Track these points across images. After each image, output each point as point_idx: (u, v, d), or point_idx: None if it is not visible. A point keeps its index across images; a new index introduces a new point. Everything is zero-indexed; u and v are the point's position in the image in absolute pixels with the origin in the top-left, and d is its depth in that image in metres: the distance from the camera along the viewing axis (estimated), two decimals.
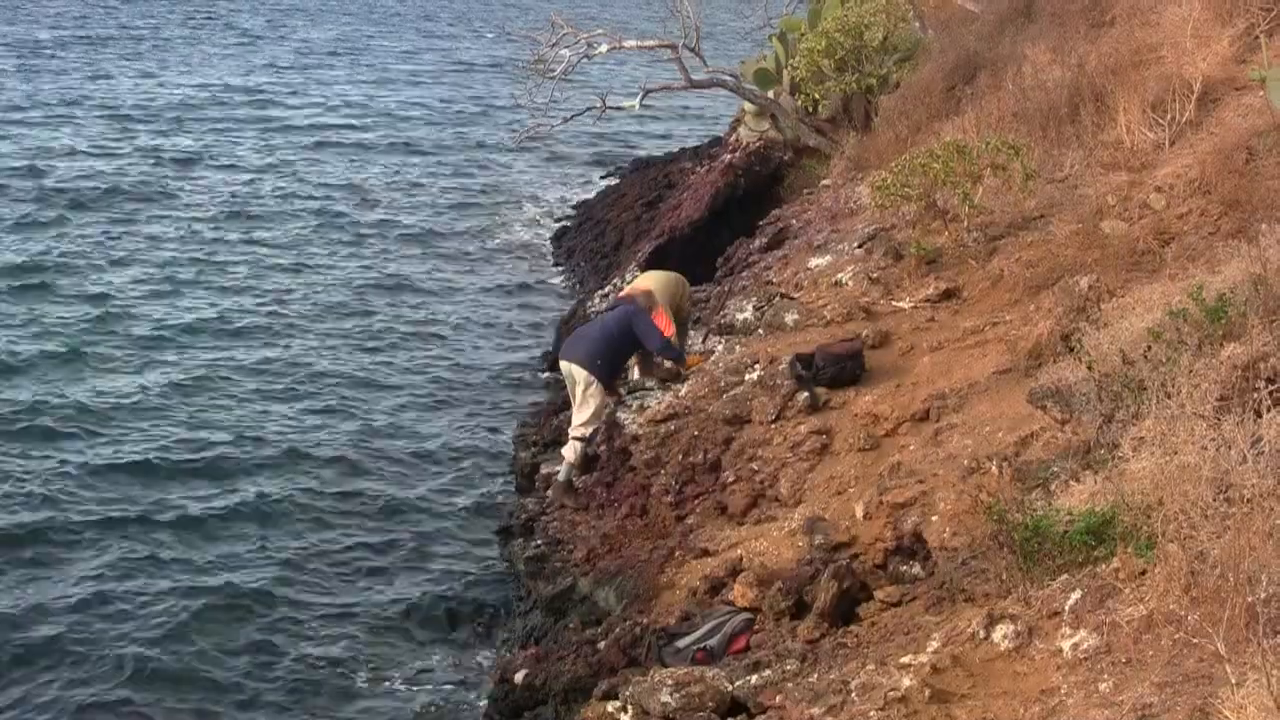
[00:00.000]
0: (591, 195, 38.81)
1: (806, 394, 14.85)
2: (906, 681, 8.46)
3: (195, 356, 23.51)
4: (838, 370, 15.00)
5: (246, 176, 38.92)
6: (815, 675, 9.33)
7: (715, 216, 27.56)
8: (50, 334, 24.35)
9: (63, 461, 19.12)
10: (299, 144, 44.42)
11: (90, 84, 54.00)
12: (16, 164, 37.64)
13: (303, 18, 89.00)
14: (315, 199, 36.72)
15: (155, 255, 29.86)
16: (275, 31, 79.15)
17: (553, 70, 28.34)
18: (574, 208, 37.68)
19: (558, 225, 35.86)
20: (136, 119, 46.52)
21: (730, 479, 14.25)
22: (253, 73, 60.43)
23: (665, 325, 16.63)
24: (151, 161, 39.80)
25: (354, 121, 49.68)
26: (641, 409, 16.60)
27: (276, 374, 22.92)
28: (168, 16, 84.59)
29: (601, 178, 42.20)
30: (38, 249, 29.41)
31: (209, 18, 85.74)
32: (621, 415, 16.55)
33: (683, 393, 16.45)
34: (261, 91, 55.03)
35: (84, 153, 40.19)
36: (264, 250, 31.05)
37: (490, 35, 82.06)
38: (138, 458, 19.05)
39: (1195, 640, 7.60)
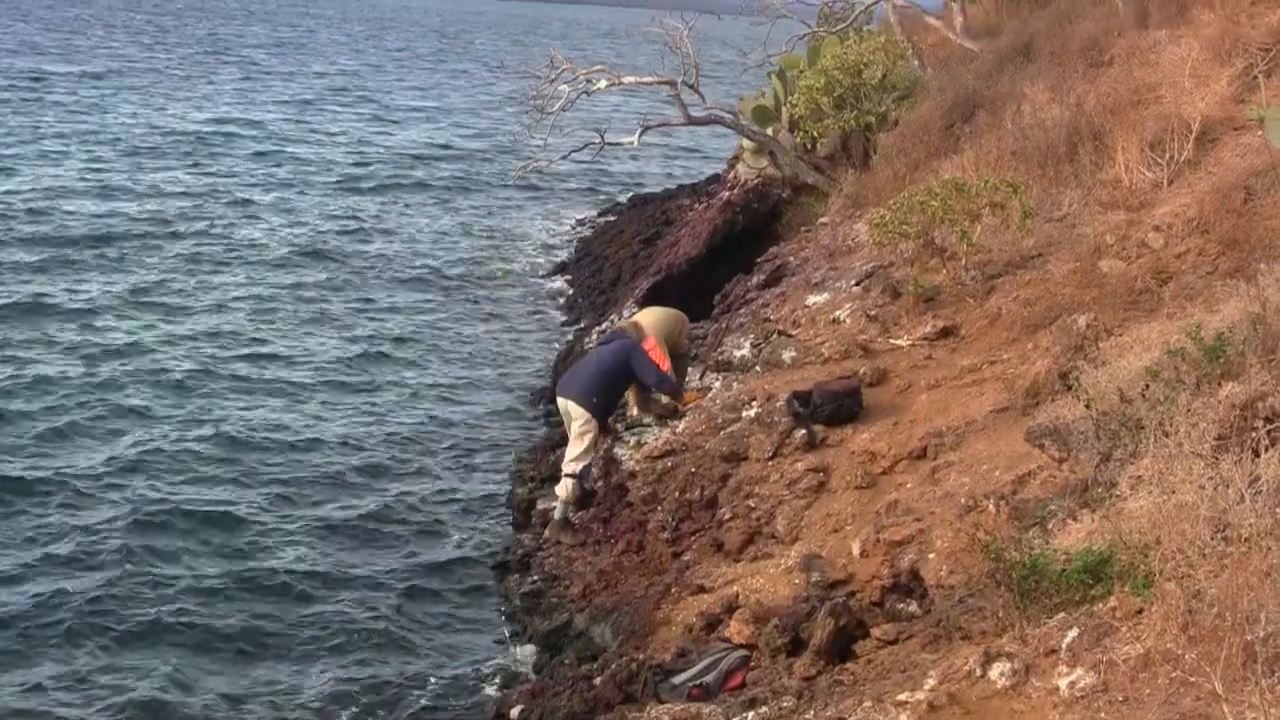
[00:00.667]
0: (590, 232, 38.88)
1: (804, 431, 14.85)
2: (903, 719, 8.43)
3: (183, 388, 23.45)
4: (835, 408, 15.00)
5: (245, 213, 38.95)
6: (811, 712, 9.30)
7: (713, 253, 27.58)
8: (67, 353, 24.65)
9: (88, 460, 19.73)
10: (299, 180, 44.55)
11: (88, 117, 54.22)
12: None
13: (309, 54, 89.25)
14: (314, 236, 36.72)
15: (145, 291, 29.75)
16: (284, 66, 79.35)
17: (551, 106, 28.42)
18: (572, 244, 37.73)
19: (556, 261, 35.91)
20: (126, 153, 46.62)
21: (727, 516, 14.23)
22: (254, 108, 60.58)
23: (660, 358, 16.64)
24: (147, 198, 39.85)
25: (353, 157, 49.82)
26: (639, 445, 16.60)
27: (271, 407, 22.87)
28: (174, 50, 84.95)
29: (600, 214, 42.28)
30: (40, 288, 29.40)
31: (211, 52, 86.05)
32: (619, 451, 16.54)
33: (680, 429, 16.45)
34: (262, 126, 55.19)
35: (82, 190, 40.21)
36: (258, 285, 31.00)
37: (492, 72, 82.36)
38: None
39: (1192, 679, 7.57)
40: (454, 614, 16.42)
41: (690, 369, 18.39)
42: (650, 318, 17.52)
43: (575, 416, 16.17)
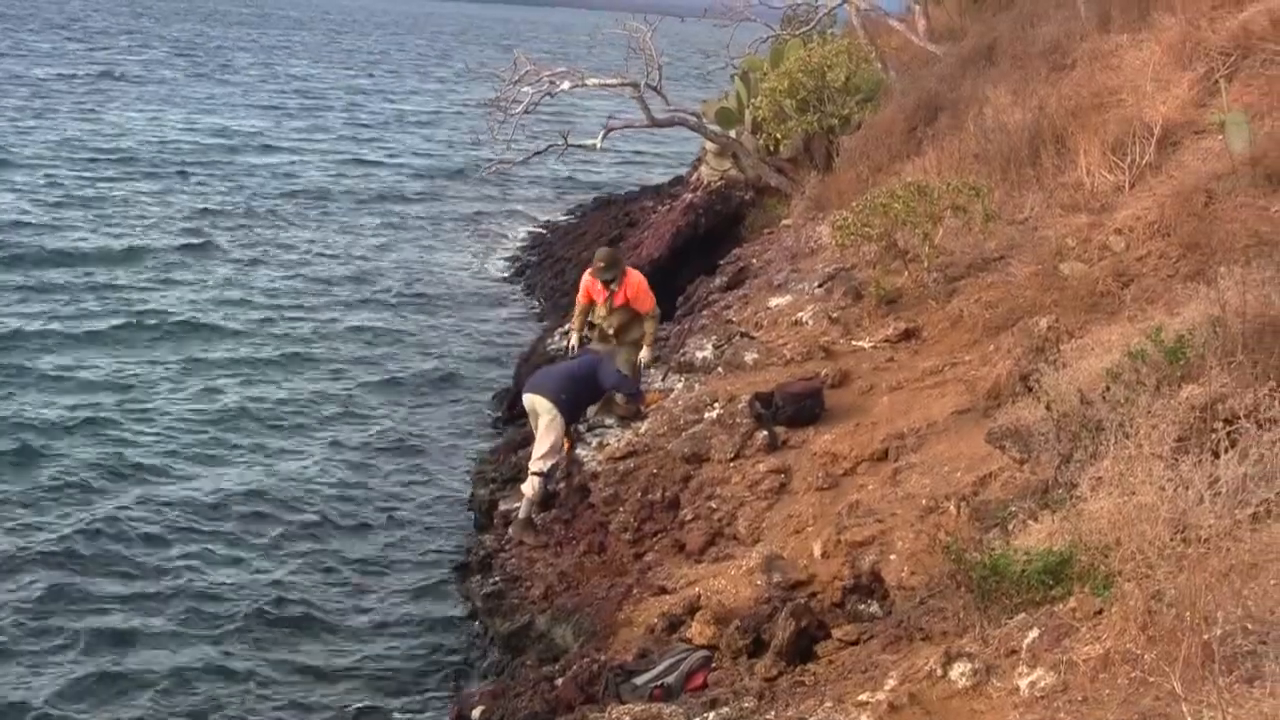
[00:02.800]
0: (553, 234, 38.83)
1: (765, 433, 14.86)
2: (864, 719, 8.43)
3: (148, 396, 23.29)
4: (797, 409, 15.02)
5: (209, 220, 38.58)
6: (773, 713, 9.29)
7: (676, 255, 27.60)
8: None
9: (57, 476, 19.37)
10: (264, 187, 44.24)
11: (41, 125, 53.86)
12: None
13: (284, 55, 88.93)
14: (269, 243, 36.45)
15: (105, 297, 29.55)
16: (260, 72, 79.03)
17: (515, 107, 28.41)
18: (535, 245, 37.70)
19: (518, 263, 35.85)
20: (84, 165, 46.05)
21: (689, 517, 14.23)
22: (218, 114, 60.33)
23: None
24: (109, 204, 39.47)
25: (311, 163, 49.57)
26: (601, 446, 16.58)
27: (229, 411, 22.74)
28: (141, 56, 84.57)
29: (563, 215, 42.24)
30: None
31: (182, 54, 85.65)
32: (581, 452, 16.52)
33: (642, 430, 16.44)
34: (231, 134, 54.96)
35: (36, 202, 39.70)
36: (221, 290, 30.83)
37: (457, 76, 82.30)
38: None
39: (1151, 679, 7.58)
40: (415, 615, 16.37)
41: (652, 370, 18.38)
42: None
43: (542, 412, 16.11)
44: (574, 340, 18.16)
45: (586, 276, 18.08)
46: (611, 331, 17.73)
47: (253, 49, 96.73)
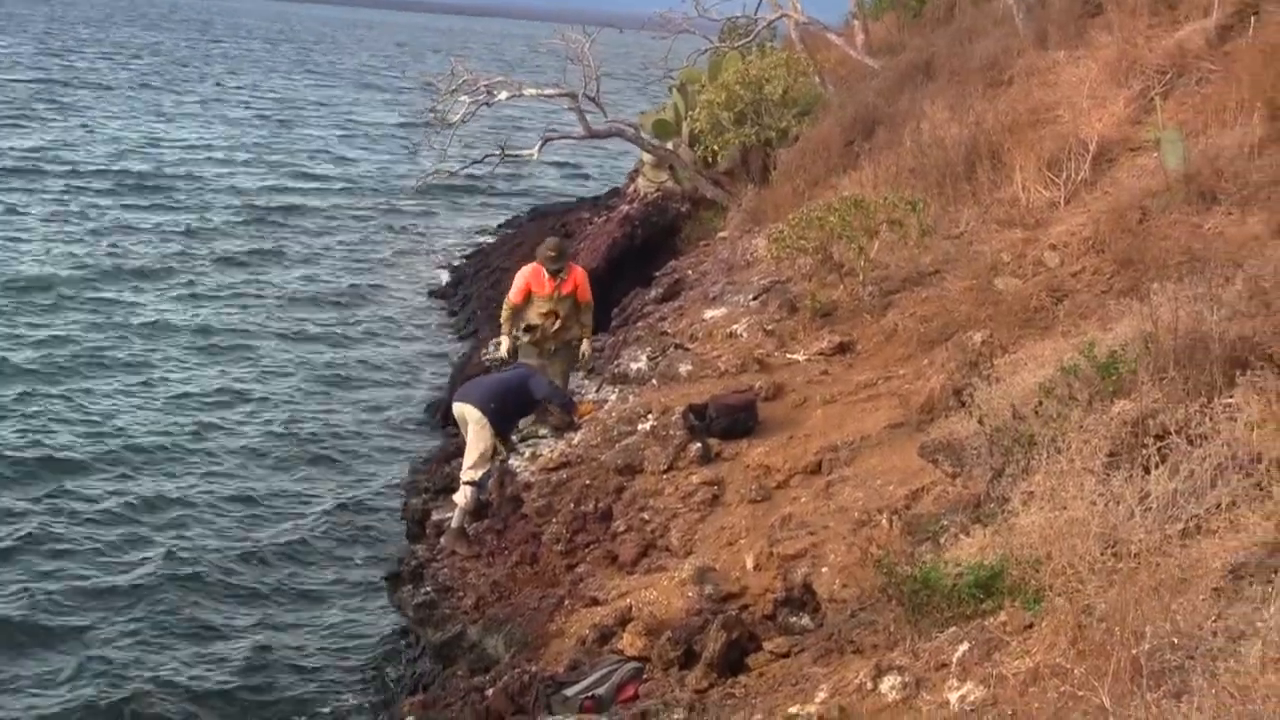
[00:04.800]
0: (488, 244, 38.76)
1: (699, 445, 14.83)
2: None
3: (72, 404, 23.08)
4: (730, 422, 15.00)
5: (135, 235, 38.09)
6: None
7: (612, 267, 27.58)
8: None
9: None
10: (197, 199, 43.84)
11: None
12: None
13: (219, 64, 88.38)
14: (212, 255, 36.08)
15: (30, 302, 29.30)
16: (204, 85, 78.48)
17: (451, 117, 28.35)
18: (470, 256, 37.62)
19: (454, 273, 35.77)
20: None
21: (621, 528, 14.19)
22: (154, 123, 59.92)
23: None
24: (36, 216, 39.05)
25: (252, 167, 49.27)
26: (534, 457, 16.52)
27: (161, 423, 22.56)
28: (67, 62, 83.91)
29: (499, 226, 42.18)
30: None
31: (107, 58, 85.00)
32: (514, 463, 16.46)
33: (575, 441, 16.39)
34: (164, 144, 54.57)
35: None
36: (152, 299, 30.57)
37: (393, 87, 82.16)
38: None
39: (1080, 693, 7.59)
40: (346, 625, 16.33)
41: (586, 381, 18.35)
42: None
43: (471, 420, 16.05)
44: (506, 346, 18.05)
45: (528, 270, 17.98)
46: (553, 327, 17.69)
47: (192, 59, 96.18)
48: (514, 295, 17.95)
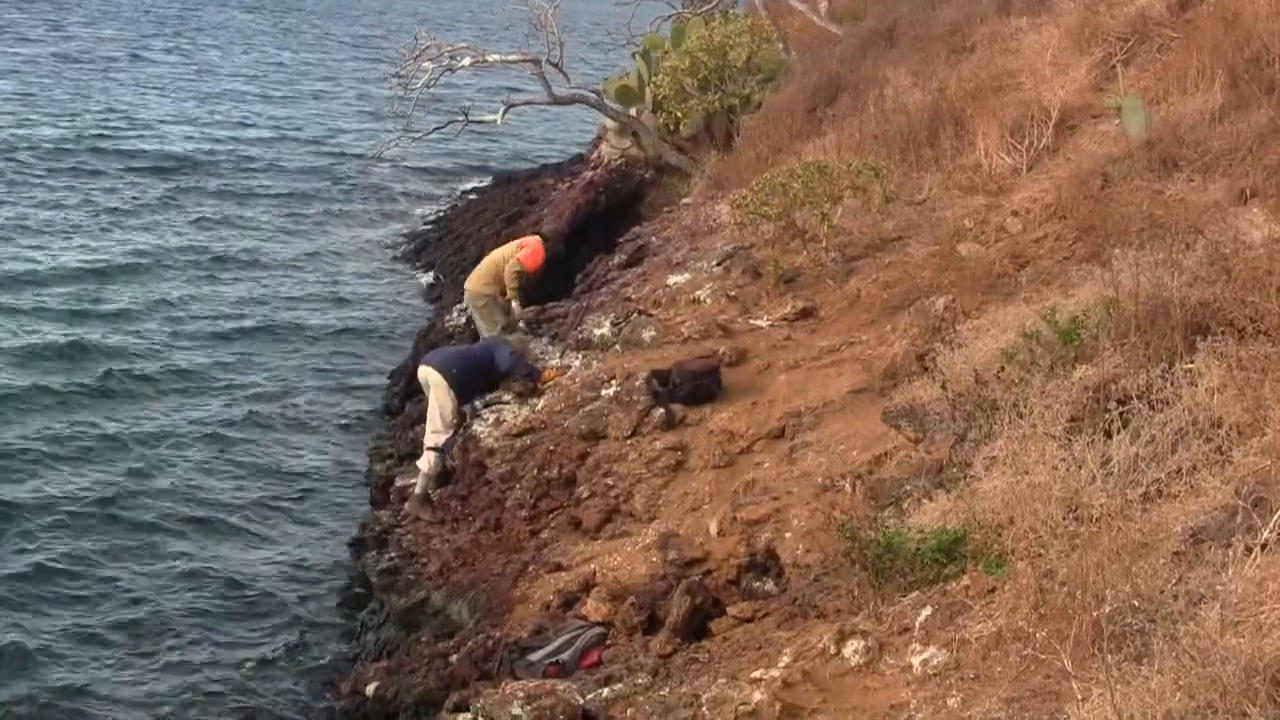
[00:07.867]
0: (452, 210, 38.59)
1: (662, 410, 14.85)
2: (757, 696, 8.44)
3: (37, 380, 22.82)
4: (694, 387, 15.01)
5: (93, 200, 37.68)
6: (667, 689, 9.30)
7: (576, 232, 27.52)
8: None
9: None
10: (154, 165, 43.31)
11: None
12: None
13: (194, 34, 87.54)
14: (171, 223, 35.67)
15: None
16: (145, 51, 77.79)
17: (414, 83, 28.26)
18: (434, 221, 37.47)
19: (418, 240, 35.62)
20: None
21: (585, 494, 14.21)
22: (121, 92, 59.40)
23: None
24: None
25: (195, 143, 48.71)
26: (498, 423, 16.50)
27: (121, 395, 22.39)
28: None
29: (463, 192, 41.99)
30: None
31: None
32: (477, 428, 16.45)
33: (539, 407, 16.38)
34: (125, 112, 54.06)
35: None
36: (113, 268, 30.24)
37: (350, 50, 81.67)
38: None
39: (1042, 656, 7.66)
40: (310, 591, 16.31)
41: (550, 347, 18.34)
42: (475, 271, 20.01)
43: (433, 384, 16.09)
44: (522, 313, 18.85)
45: (539, 245, 18.84)
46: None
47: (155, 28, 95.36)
48: (535, 271, 18.71)
